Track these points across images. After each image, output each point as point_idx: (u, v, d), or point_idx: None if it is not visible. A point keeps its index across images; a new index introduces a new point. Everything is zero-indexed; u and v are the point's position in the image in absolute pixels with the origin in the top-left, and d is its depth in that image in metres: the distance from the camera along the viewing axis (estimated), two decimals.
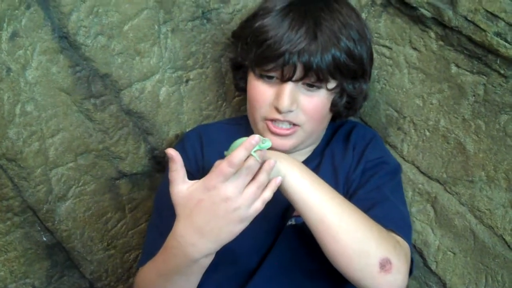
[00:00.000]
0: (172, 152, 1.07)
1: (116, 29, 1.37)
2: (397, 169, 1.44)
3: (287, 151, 1.34)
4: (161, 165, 1.58)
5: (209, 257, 1.13)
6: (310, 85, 1.30)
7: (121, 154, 1.51)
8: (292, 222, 1.35)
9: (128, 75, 1.42)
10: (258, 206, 1.09)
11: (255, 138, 1.04)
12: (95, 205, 1.53)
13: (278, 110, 1.29)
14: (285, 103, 1.27)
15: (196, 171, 1.41)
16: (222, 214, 1.06)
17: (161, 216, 1.39)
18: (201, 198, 1.07)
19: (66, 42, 1.34)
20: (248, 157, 1.06)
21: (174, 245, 1.13)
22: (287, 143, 1.33)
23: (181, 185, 1.09)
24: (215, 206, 1.06)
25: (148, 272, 1.27)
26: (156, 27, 1.42)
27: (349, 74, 1.32)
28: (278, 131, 1.31)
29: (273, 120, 1.31)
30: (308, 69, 1.26)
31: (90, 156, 1.48)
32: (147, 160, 1.55)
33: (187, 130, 1.54)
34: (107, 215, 1.56)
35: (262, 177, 1.08)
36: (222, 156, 1.15)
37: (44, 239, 1.50)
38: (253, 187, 1.07)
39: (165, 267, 1.18)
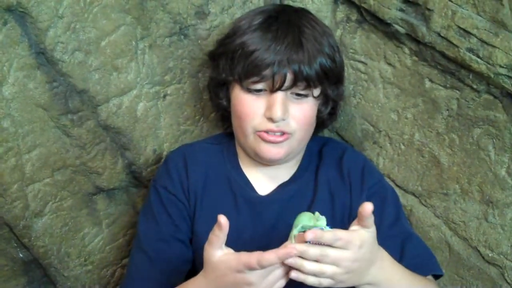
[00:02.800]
0: (222, 221, 1.10)
1: (94, 45, 1.37)
2: (394, 191, 1.48)
3: (280, 160, 1.36)
4: (138, 180, 1.57)
5: None
6: (298, 94, 1.32)
7: (98, 170, 1.50)
8: None
9: (106, 90, 1.42)
10: (279, 286, 1.13)
11: (294, 251, 1.07)
12: (72, 221, 1.52)
13: (272, 120, 1.30)
14: (278, 112, 1.28)
15: (181, 193, 1.41)
16: None
17: (148, 241, 1.41)
18: (227, 273, 1.11)
19: (43, 58, 1.34)
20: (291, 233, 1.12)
21: None
22: (281, 151, 1.34)
23: (216, 250, 1.13)
24: (238, 286, 1.11)
25: None
26: (134, 43, 1.42)
27: (333, 79, 1.37)
28: (272, 139, 1.32)
29: (265, 131, 1.32)
30: (298, 78, 1.28)
31: (67, 171, 1.47)
32: (124, 175, 1.55)
33: (165, 145, 1.54)
34: (84, 230, 1.55)
35: (289, 261, 1.11)
36: (207, 178, 1.17)
37: (21, 255, 1.49)
38: (279, 272, 1.12)
39: None
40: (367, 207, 1.09)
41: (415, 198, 1.51)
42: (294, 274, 1.09)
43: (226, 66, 1.36)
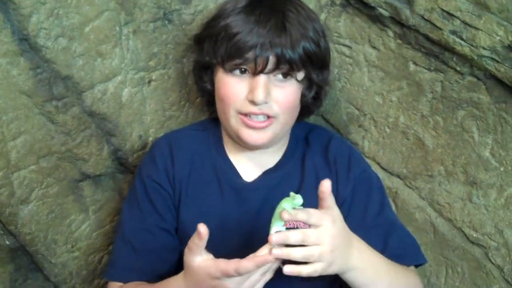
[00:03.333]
0: (202, 230, 1.11)
1: (77, 31, 1.36)
2: (379, 180, 1.48)
3: (264, 145, 1.36)
4: (124, 166, 1.57)
5: None
6: (283, 76, 1.32)
7: (84, 156, 1.50)
8: None
9: (90, 76, 1.41)
10: None
11: (270, 257, 1.09)
12: (59, 208, 1.52)
13: (254, 103, 1.29)
14: (260, 95, 1.28)
15: (166, 181, 1.41)
16: None
17: (132, 231, 1.41)
18: (205, 279, 1.14)
19: (27, 44, 1.33)
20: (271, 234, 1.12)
21: None
22: (264, 136, 1.34)
23: (195, 256, 1.15)
24: None
25: None
26: (118, 28, 1.41)
27: (318, 64, 1.36)
28: (254, 124, 1.32)
29: (247, 115, 1.32)
30: (280, 61, 1.28)
31: (53, 158, 1.46)
32: (110, 161, 1.55)
33: (150, 131, 1.54)
34: (71, 217, 1.55)
35: (268, 266, 1.14)
36: (192, 164, 1.18)
37: (7, 242, 1.48)
38: (256, 276, 1.14)
39: None
40: (327, 184, 1.12)
41: (400, 180, 1.52)
42: (287, 269, 1.09)
43: (210, 49, 1.36)
